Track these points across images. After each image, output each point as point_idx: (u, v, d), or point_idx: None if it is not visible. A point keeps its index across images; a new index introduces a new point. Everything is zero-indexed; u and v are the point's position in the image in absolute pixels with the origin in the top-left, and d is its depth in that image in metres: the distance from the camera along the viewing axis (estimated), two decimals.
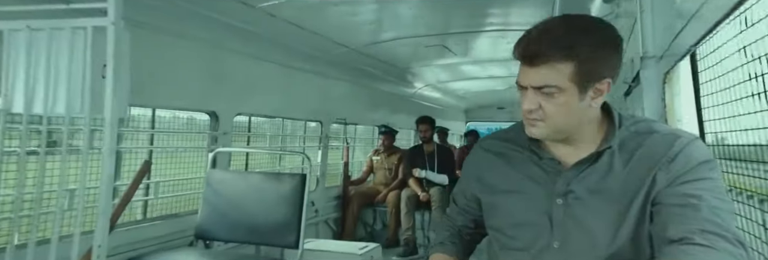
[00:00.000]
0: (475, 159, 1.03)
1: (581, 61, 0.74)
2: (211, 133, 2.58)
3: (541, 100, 0.78)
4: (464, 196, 1.06)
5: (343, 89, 3.95)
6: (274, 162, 3.32)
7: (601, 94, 0.79)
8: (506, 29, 2.94)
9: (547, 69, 0.76)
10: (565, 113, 0.79)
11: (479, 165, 1.01)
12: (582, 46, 0.74)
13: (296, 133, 3.57)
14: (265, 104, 2.97)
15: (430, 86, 5.35)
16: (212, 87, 2.53)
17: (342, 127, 4.16)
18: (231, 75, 2.66)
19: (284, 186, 2.26)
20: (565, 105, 0.78)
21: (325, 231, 3.79)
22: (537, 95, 0.79)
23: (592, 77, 0.76)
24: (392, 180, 4.14)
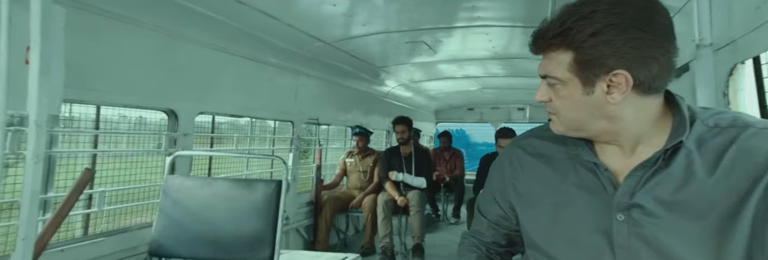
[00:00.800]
0: (510, 161, 0.85)
1: (579, 49, 0.63)
2: (168, 134, 2.27)
3: (551, 92, 0.71)
4: (497, 206, 0.87)
5: (316, 88, 3.70)
6: (239, 167, 3.02)
7: (621, 89, 0.64)
8: (491, 25, 2.81)
9: (547, 58, 0.69)
10: (571, 107, 0.69)
11: (515, 169, 0.84)
12: (579, 31, 0.62)
13: (265, 134, 3.27)
14: (231, 101, 2.68)
15: (403, 85, 5.18)
16: (170, 82, 2.22)
17: (313, 128, 3.90)
18: (193, 69, 2.36)
19: (256, 194, 2.00)
20: (569, 99, 0.68)
21: (296, 240, 3.52)
22: (547, 85, 0.71)
23: (594, 68, 0.63)
24: (367, 184, 3.93)
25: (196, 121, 2.48)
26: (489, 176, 0.92)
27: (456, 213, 5.37)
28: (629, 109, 0.66)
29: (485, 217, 0.90)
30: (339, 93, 4.20)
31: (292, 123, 3.34)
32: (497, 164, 0.90)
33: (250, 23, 2.50)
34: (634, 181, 0.67)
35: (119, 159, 2.32)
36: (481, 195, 0.93)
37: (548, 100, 0.72)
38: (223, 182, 2.08)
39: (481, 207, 0.92)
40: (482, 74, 4.71)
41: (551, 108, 0.72)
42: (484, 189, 0.93)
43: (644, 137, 0.68)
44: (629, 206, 0.67)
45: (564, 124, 0.72)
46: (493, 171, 0.91)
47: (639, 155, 0.69)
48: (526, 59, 3.82)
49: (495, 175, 0.90)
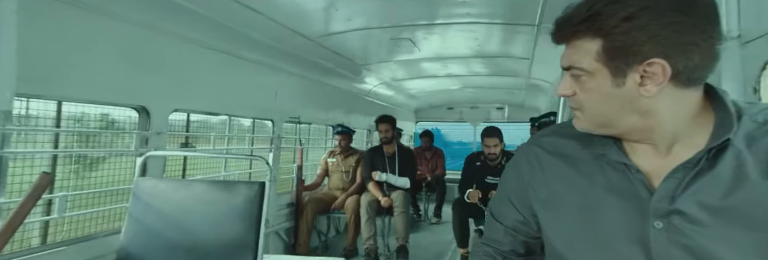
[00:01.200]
0: (528, 161, 0.78)
1: (609, 36, 0.56)
2: (139, 133, 2.10)
3: (575, 85, 0.64)
4: (514, 210, 0.79)
5: (297, 85, 3.57)
6: (215, 168, 2.85)
7: (656, 80, 0.57)
8: (479, 22, 2.76)
9: (571, 47, 0.63)
10: (599, 101, 0.62)
11: (534, 170, 0.76)
12: (610, 16, 0.56)
13: (243, 133, 3.11)
14: (207, 98, 2.52)
15: (384, 84, 5.10)
16: (142, 77, 2.06)
17: (293, 126, 3.77)
18: (167, 63, 2.20)
19: (237, 197, 1.87)
20: (596, 92, 0.62)
21: (275, 243, 3.38)
22: (570, 78, 0.65)
23: (626, 56, 0.57)
24: (350, 184, 3.83)
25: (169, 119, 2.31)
26: (503, 178, 0.84)
27: (437, 213, 5.33)
28: (665, 102, 0.59)
29: (501, 223, 0.82)
30: (320, 91, 4.08)
31: (272, 122, 3.20)
32: (513, 164, 0.82)
33: (229, 16, 2.35)
34: (673, 184, 0.60)
35: (84, 161, 2.13)
36: (495, 198, 0.85)
37: (572, 94, 0.65)
38: (200, 185, 1.94)
39: (495, 212, 0.84)
40: (464, 73, 4.68)
41: (575, 103, 0.66)
42: (498, 192, 0.85)
43: (682, 134, 0.62)
44: (669, 212, 0.60)
45: (590, 120, 0.65)
46: (508, 172, 0.83)
47: (676, 155, 0.62)
48: (508, 58, 3.80)
49: (510, 176, 0.82)
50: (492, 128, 3.15)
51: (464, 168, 3.33)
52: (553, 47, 2.51)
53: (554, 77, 4.18)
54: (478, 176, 3.22)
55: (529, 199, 0.77)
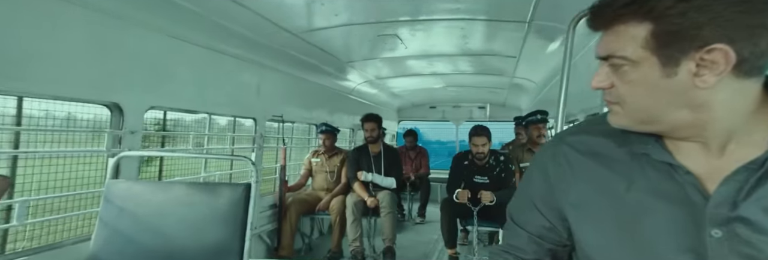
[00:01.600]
0: (555, 161, 0.71)
1: (661, 19, 0.50)
2: (112, 132, 1.95)
3: (613, 76, 0.58)
4: (539, 215, 0.72)
5: (280, 82, 3.44)
6: (194, 169, 2.71)
7: (716, 69, 0.51)
8: (470, 18, 2.70)
9: (612, 34, 0.56)
10: (643, 94, 0.56)
11: (563, 171, 0.69)
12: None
13: (224, 132, 2.97)
14: (186, 95, 2.38)
15: (368, 82, 5.01)
16: (115, 71, 1.91)
17: (276, 125, 3.64)
18: (142, 57, 2.05)
19: (220, 199, 1.76)
20: (641, 84, 0.55)
21: (258, 246, 3.25)
22: (608, 69, 0.58)
23: (681, 42, 0.50)
24: (334, 185, 3.73)
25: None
26: (526, 180, 0.77)
27: (421, 213, 5.28)
28: (722, 95, 0.53)
29: (523, 229, 0.75)
30: (304, 89, 3.96)
31: (254, 120, 3.06)
32: (538, 165, 0.75)
33: (209, 8, 2.22)
34: (733, 188, 0.54)
35: (48, 162, 1.97)
36: (515, 201, 0.78)
37: (609, 86, 0.58)
38: (180, 187, 1.82)
39: (516, 217, 0.77)
40: (449, 71, 4.64)
41: (613, 96, 0.59)
42: (520, 195, 0.78)
43: (738, 132, 0.55)
44: (730, 219, 0.54)
45: (630, 115, 0.59)
46: (532, 174, 0.76)
47: (731, 155, 0.56)
48: (495, 56, 3.77)
49: (534, 177, 0.75)
50: (480, 127, 3.11)
51: (452, 168, 3.28)
52: (541, 46, 2.46)
53: (540, 76, 4.19)
54: (466, 176, 3.17)
55: (558, 203, 0.70)
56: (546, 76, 3.98)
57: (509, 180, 3.05)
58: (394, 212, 3.46)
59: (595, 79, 0.60)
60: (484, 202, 2.89)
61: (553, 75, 3.78)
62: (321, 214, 3.57)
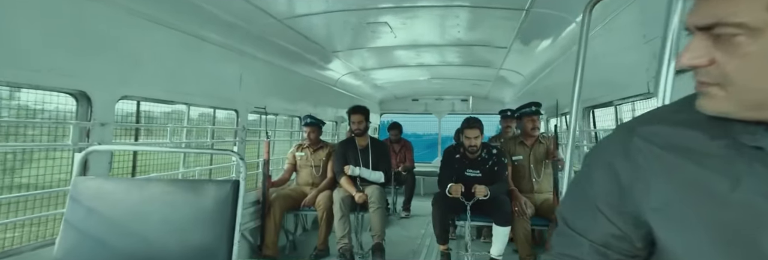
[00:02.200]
0: (627, 157, 0.59)
1: None
2: (78, 124, 1.75)
3: (716, 50, 0.47)
4: (606, 221, 0.61)
5: (263, 72, 3.25)
6: (171, 164, 2.51)
7: None
8: (465, 5, 2.59)
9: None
10: (763, 72, 0.45)
11: (638, 168, 0.58)
12: None
13: (204, 124, 2.76)
14: (163, 84, 2.18)
15: (352, 73, 4.85)
16: (82, 57, 1.70)
17: (259, 118, 3.45)
18: (114, 42, 1.85)
19: (205, 198, 1.59)
20: (761, 58, 0.44)
21: (240, 245, 3.07)
22: (708, 41, 0.48)
23: None
24: (320, 180, 3.58)
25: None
26: (584, 179, 0.65)
27: (406, 207, 5.21)
28: None
29: (584, 237, 0.63)
30: (287, 80, 3.78)
31: (236, 112, 2.88)
32: (599, 161, 0.63)
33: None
34: None
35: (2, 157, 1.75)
36: (571, 205, 0.67)
37: (707, 63, 0.48)
38: (159, 185, 1.64)
39: (573, 223, 0.65)
40: (436, 62, 4.53)
41: (712, 76, 0.48)
42: (576, 197, 0.66)
43: None
44: None
45: (738, 99, 0.48)
46: (591, 172, 0.64)
47: None
48: (485, 47, 3.68)
49: (597, 177, 0.63)
50: (473, 119, 3.02)
51: (443, 161, 3.19)
52: (535, 36, 2.33)
53: (529, 68, 4.13)
54: (457, 170, 3.09)
55: (632, 207, 0.59)
56: (536, 68, 3.93)
57: (502, 174, 2.98)
58: (384, 207, 3.35)
59: (687, 55, 0.49)
60: (478, 196, 2.81)
61: (543, 67, 3.73)
62: (306, 210, 3.43)
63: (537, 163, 3.10)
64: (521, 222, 2.85)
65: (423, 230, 4.40)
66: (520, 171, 3.14)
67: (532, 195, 3.06)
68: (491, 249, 2.88)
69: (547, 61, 3.44)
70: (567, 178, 1.41)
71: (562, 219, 0.68)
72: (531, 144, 3.15)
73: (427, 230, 4.40)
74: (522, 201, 2.88)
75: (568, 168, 1.41)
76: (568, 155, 1.41)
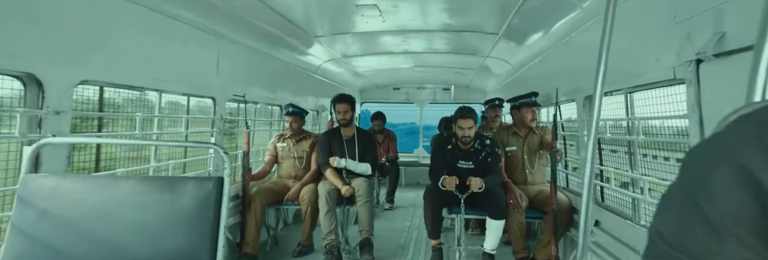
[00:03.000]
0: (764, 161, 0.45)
1: None
2: (27, 112, 1.49)
3: None
4: (741, 247, 0.46)
5: (241, 56, 3.00)
6: (139, 158, 2.26)
7: None
8: None
9: None
10: None
11: None
12: None
13: (178, 113, 2.50)
14: (130, 68, 1.92)
15: (334, 60, 4.63)
16: (30, 34, 1.44)
17: (237, 106, 3.21)
18: (70, 18, 1.58)
19: (183, 198, 1.39)
20: None
21: None
22: None
23: None
24: (303, 172, 3.39)
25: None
26: (696, 185, 0.49)
27: (390, 198, 5.09)
28: None
29: (723, 247, 0.48)
30: (267, 66, 3.53)
31: (213, 100, 2.63)
32: (722, 163, 0.48)
33: None
34: None
35: None
36: (677, 220, 0.51)
37: None
38: (128, 182, 1.42)
39: (683, 244, 0.49)
40: (422, 49, 4.36)
41: None
42: (685, 210, 0.51)
43: None
44: None
45: None
46: (711, 176, 0.49)
47: None
48: (476, 33, 3.53)
49: (722, 184, 0.48)
50: (467, 109, 2.88)
51: (433, 152, 3.05)
52: (532, 21, 2.13)
53: (518, 57, 4.02)
54: (449, 161, 2.96)
55: None
56: (526, 56, 3.82)
57: (496, 165, 2.88)
58: (372, 200, 3.20)
59: None
60: (473, 189, 2.69)
61: (535, 55, 3.63)
62: (288, 204, 3.24)
63: (531, 154, 3.01)
64: (516, 214, 2.76)
65: (408, 222, 4.29)
66: (514, 162, 3.04)
67: (526, 186, 2.97)
68: (485, 243, 2.79)
69: (541, 49, 3.33)
70: (588, 169, 1.28)
71: (661, 237, 0.52)
72: (525, 135, 3.05)
73: (412, 222, 4.30)
74: (517, 194, 2.79)
75: (590, 162, 1.29)
76: (590, 148, 1.29)
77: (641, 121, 1.76)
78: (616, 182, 2.25)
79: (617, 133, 2.18)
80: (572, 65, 2.72)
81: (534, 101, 2.94)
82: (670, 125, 1.68)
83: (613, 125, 2.49)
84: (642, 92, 1.75)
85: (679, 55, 1.30)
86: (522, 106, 2.96)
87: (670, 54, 1.36)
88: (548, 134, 3.00)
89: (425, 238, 3.56)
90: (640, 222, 1.86)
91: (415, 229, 3.99)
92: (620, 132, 2.18)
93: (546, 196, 2.81)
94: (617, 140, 2.16)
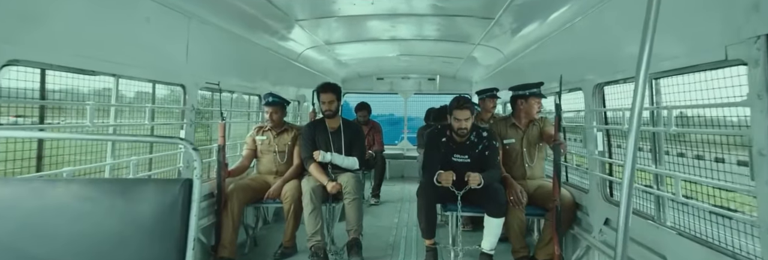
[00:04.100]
0: None
1: None
2: None
3: None
4: None
5: (216, 40, 2.69)
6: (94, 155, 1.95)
7: None
8: None
9: None
10: None
11: None
12: None
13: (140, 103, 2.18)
14: (78, 48, 1.61)
15: (317, 47, 4.33)
16: None
17: (211, 96, 2.90)
18: None
19: (143, 204, 1.13)
20: None
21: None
22: None
23: None
24: (285, 167, 3.12)
25: None
26: None
27: (376, 193, 4.88)
28: None
29: None
30: (244, 51, 3.23)
31: (183, 88, 2.33)
32: None
33: None
34: None
35: None
36: None
37: None
38: (71, 186, 1.15)
39: None
40: (411, 36, 4.11)
41: None
42: None
43: None
44: None
45: None
46: None
47: None
48: (470, 18, 3.30)
49: None
50: (464, 99, 2.67)
51: (427, 145, 2.83)
52: (530, 6, 1.83)
53: (512, 46, 3.83)
54: (443, 155, 2.75)
55: None
56: (521, 44, 3.62)
57: (493, 159, 2.68)
58: (360, 197, 2.97)
59: None
60: (472, 185, 2.50)
61: (531, 43, 3.43)
62: (269, 203, 2.97)
63: (530, 147, 2.83)
64: (516, 212, 2.59)
65: (396, 218, 4.10)
66: (512, 156, 2.85)
67: (525, 181, 2.79)
68: (482, 242, 2.61)
69: (540, 35, 3.13)
70: (630, 163, 1.09)
71: None
72: (524, 126, 2.86)
73: (400, 218, 4.11)
74: (517, 190, 2.61)
75: (631, 155, 1.09)
76: (631, 142, 1.08)
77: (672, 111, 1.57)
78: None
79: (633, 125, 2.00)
80: (577, 52, 2.53)
81: (537, 92, 2.75)
82: (705, 114, 1.50)
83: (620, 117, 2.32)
84: (670, 77, 1.55)
85: (739, 30, 1.10)
86: (530, 96, 2.76)
87: (723, 30, 1.17)
88: (548, 125, 2.83)
89: (416, 236, 3.37)
90: (665, 223, 1.69)
91: (405, 226, 3.79)
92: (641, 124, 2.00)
93: (546, 191, 2.64)
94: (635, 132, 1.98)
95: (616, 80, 2.02)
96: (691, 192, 1.63)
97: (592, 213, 2.34)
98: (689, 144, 1.57)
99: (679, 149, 1.66)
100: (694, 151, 1.57)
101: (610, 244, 2.13)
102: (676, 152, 1.67)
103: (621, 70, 1.94)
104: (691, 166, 1.59)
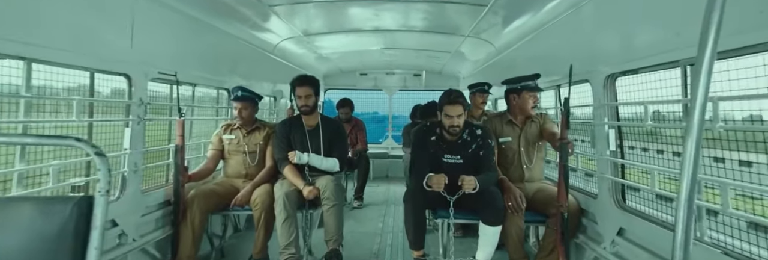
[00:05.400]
0: None
1: None
2: None
3: None
4: None
5: (170, 22, 2.32)
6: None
7: None
8: None
9: None
10: None
11: None
12: None
13: (68, 95, 1.80)
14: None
15: (294, 38, 3.98)
16: None
17: (168, 89, 2.54)
18: None
19: (15, 232, 0.79)
20: None
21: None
22: None
23: None
24: (256, 170, 2.78)
25: None
26: None
27: (359, 195, 4.57)
28: None
29: None
30: (210, 40, 2.87)
31: (128, 78, 1.97)
32: None
33: None
34: None
35: None
36: None
37: None
38: None
39: None
40: (396, 27, 3.81)
41: None
42: None
43: None
44: None
45: None
46: None
47: None
48: (461, 5, 3.01)
49: None
50: (457, 93, 2.38)
51: (415, 145, 2.54)
52: None
53: (506, 37, 3.55)
54: (433, 156, 2.46)
55: None
56: (516, 35, 3.35)
57: (489, 160, 2.41)
58: (341, 203, 2.65)
59: None
60: (466, 190, 2.21)
61: (527, 33, 3.17)
62: (237, 210, 2.63)
63: (528, 146, 2.56)
64: (514, 218, 2.32)
65: (380, 223, 3.80)
66: (508, 156, 2.57)
67: (523, 184, 2.52)
68: (477, 253, 2.33)
69: (538, 24, 2.86)
70: (690, 166, 0.82)
71: None
72: (522, 123, 2.59)
73: (385, 223, 3.81)
74: (516, 194, 2.33)
75: (692, 158, 0.82)
76: (693, 137, 0.81)
77: (717, 103, 1.31)
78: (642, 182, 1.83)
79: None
80: (584, 40, 2.26)
81: (536, 86, 2.48)
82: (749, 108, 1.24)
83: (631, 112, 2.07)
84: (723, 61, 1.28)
85: None
86: (523, 90, 2.49)
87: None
88: (549, 122, 2.56)
89: (402, 243, 3.08)
90: (702, 239, 1.43)
91: (390, 232, 3.49)
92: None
93: (546, 195, 2.38)
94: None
95: (635, 70, 1.75)
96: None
97: (602, 221, 2.09)
98: (734, 144, 1.31)
99: (714, 153, 1.40)
100: (735, 155, 1.32)
101: (624, 257, 1.88)
102: (712, 156, 1.41)
103: (639, 57, 1.68)
104: (732, 169, 1.33)
